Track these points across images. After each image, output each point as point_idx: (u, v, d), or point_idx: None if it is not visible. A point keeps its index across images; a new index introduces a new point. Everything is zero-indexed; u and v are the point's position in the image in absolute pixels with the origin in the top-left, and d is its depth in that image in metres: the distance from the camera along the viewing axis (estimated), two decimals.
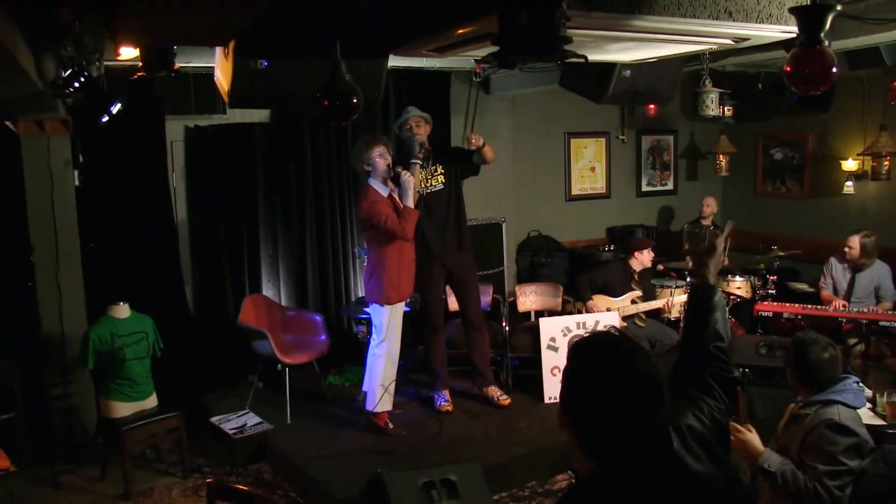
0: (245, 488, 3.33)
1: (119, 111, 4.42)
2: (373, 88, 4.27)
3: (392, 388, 5.20)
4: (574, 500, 1.70)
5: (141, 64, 3.84)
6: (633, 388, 1.56)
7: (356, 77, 3.55)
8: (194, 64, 5.16)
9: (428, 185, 5.36)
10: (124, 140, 5.60)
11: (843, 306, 6.33)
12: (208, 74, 4.85)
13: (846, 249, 6.44)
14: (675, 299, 6.41)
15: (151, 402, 5.10)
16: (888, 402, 4.31)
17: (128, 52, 3.94)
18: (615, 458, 1.58)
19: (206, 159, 6.17)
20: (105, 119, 4.42)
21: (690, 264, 2.17)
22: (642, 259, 6.48)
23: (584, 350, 1.64)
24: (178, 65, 3.88)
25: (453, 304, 5.83)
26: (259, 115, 6.35)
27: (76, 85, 3.78)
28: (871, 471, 3.51)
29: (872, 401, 4.39)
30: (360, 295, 6.74)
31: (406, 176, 4.96)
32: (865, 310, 6.16)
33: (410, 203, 4.97)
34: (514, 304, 6.78)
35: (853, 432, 3.06)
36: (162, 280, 5.87)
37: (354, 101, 3.46)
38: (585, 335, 1.72)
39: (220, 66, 4.29)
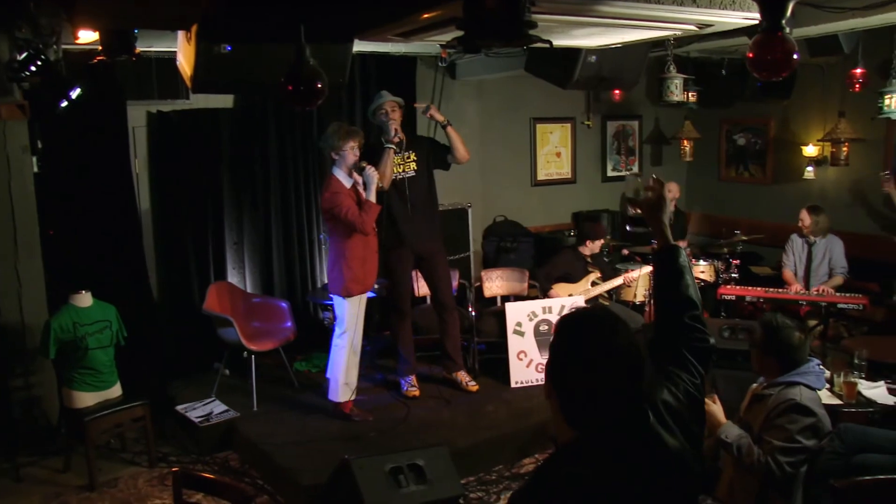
0: (212, 476, 3.31)
1: (79, 96, 4.34)
2: (338, 73, 4.23)
3: (354, 380, 5.19)
4: (554, 467, 1.74)
5: (101, 48, 3.77)
6: (614, 360, 1.65)
7: (321, 62, 3.52)
8: (156, 48, 5.07)
9: (401, 170, 5.34)
10: (85, 126, 5.49)
11: (801, 290, 6.46)
12: (171, 59, 4.77)
13: (799, 223, 6.58)
14: (632, 273, 6.45)
15: (116, 391, 5.03)
16: (845, 382, 4.42)
17: (87, 36, 3.87)
18: (596, 428, 1.66)
19: (170, 145, 6.08)
20: (64, 104, 4.34)
21: (639, 212, 2.14)
22: (593, 248, 6.53)
23: (569, 323, 1.75)
24: (139, 49, 3.82)
25: (421, 289, 5.84)
26: (223, 101, 6.26)
27: (32, 69, 3.71)
28: (827, 448, 3.60)
29: (830, 381, 4.50)
30: (325, 281, 6.71)
31: (371, 171, 4.95)
32: (822, 291, 6.29)
33: (373, 197, 4.95)
34: (480, 290, 6.80)
35: (812, 413, 3.13)
36: (125, 268, 5.79)
37: (319, 85, 3.43)
38: (572, 311, 1.82)
39: (183, 51, 4.22)
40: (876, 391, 4.52)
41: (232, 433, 5.26)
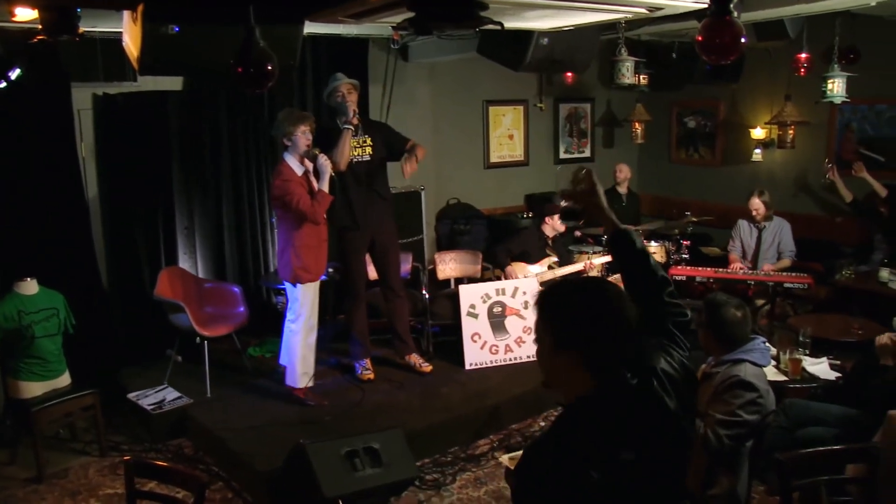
0: (164, 464, 3.29)
1: (19, 77, 4.22)
2: (288, 55, 4.17)
3: (311, 367, 5.18)
4: (574, 415, 1.82)
5: (41, 27, 3.66)
6: (628, 310, 1.80)
7: (271, 43, 3.46)
8: (101, 28, 4.93)
9: (357, 154, 5.30)
10: (27, 108, 5.33)
11: (742, 268, 6.59)
12: (116, 40, 4.64)
13: (753, 212, 6.69)
14: (594, 261, 6.54)
15: (64, 380, 4.95)
16: (790, 359, 4.54)
17: (24, 13, 3.74)
18: (617, 375, 1.79)
19: (118, 129, 5.94)
20: (3, 85, 4.21)
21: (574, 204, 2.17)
22: (553, 224, 6.57)
23: (582, 282, 1.98)
24: (82, 29, 3.71)
25: (373, 273, 5.82)
26: (172, 83, 6.14)
27: None
28: (773, 423, 3.70)
29: (777, 358, 4.62)
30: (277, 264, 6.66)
31: (324, 159, 4.90)
32: (771, 270, 6.44)
33: (325, 187, 4.91)
34: (433, 272, 6.82)
35: (755, 388, 3.20)
36: (72, 254, 5.66)
37: (269, 68, 3.38)
38: (558, 280, 1.93)
39: (129, 32, 4.12)
40: (819, 367, 4.66)
41: (185, 420, 5.21)
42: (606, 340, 1.77)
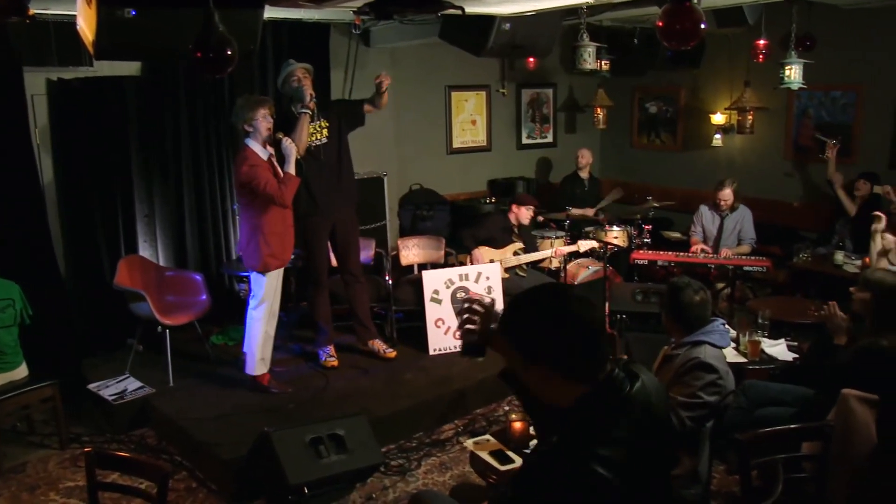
0: (127, 455, 3.25)
1: None
2: (248, 40, 4.12)
3: (268, 354, 5.14)
4: (575, 417, 1.78)
5: None
6: (595, 312, 1.82)
7: (230, 28, 3.41)
8: (53, 11, 4.83)
9: (314, 138, 5.26)
10: None
11: (704, 250, 6.69)
12: (71, 23, 4.55)
13: (722, 202, 6.77)
14: (563, 249, 6.58)
15: (21, 372, 4.85)
16: (750, 341, 4.62)
17: None
18: (603, 374, 1.79)
19: (73, 115, 5.81)
20: None
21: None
22: (519, 214, 6.60)
23: (541, 292, 1.87)
24: (33, 11, 3.61)
25: (333, 259, 5.80)
26: (130, 68, 6.02)
27: None
28: (733, 404, 3.77)
29: (736, 340, 4.70)
30: (240, 253, 6.60)
31: (287, 142, 4.86)
32: (731, 254, 6.54)
33: (291, 170, 4.87)
34: (396, 258, 6.81)
35: (715, 370, 3.26)
36: (28, 243, 5.54)
37: (229, 52, 3.33)
38: (527, 290, 1.88)
39: (83, 15, 4.03)
40: (777, 349, 4.75)
41: (148, 410, 5.15)
42: (574, 348, 1.76)
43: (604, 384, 1.79)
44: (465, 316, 2.07)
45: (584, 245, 6.61)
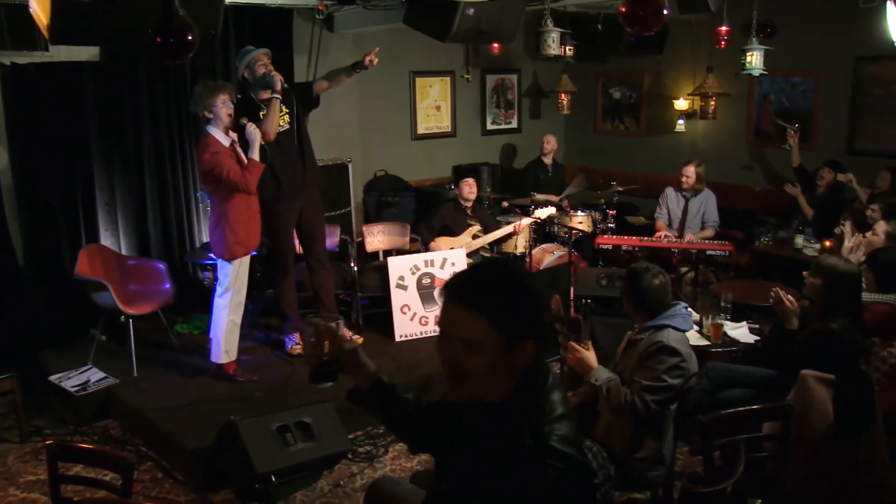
0: (90, 447, 3.21)
1: None
2: (210, 24, 4.07)
3: (234, 345, 5.11)
4: (519, 403, 1.74)
5: None
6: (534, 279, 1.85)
7: (191, 12, 3.35)
8: None
9: (279, 125, 5.21)
10: None
11: (668, 236, 6.77)
12: (24, 5, 4.44)
13: (683, 179, 6.85)
14: (522, 222, 6.60)
15: None
16: (713, 325, 4.69)
17: None
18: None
19: (29, 101, 5.68)
20: None
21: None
22: (461, 190, 6.66)
23: (493, 274, 1.78)
24: None
25: (300, 245, 5.76)
26: (88, 53, 5.91)
27: None
28: (696, 387, 3.82)
29: (699, 323, 4.76)
30: (204, 241, 6.53)
31: (251, 128, 4.81)
32: (694, 239, 6.62)
33: (256, 156, 4.82)
34: (361, 245, 6.79)
35: (678, 353, 3.30)
36: None
37: (189, 37, 3.27)
38: (468, 273, 1.81)
39: None
40: (739, 331, 4.83)
41: (111, 401, 5.09)
42: (547, 316, 1.76)
43: (529, 370, 1.75)
44: (313, 340, 2.00)
45: (543, 213, 6.65)
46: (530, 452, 1.65)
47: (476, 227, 6.57)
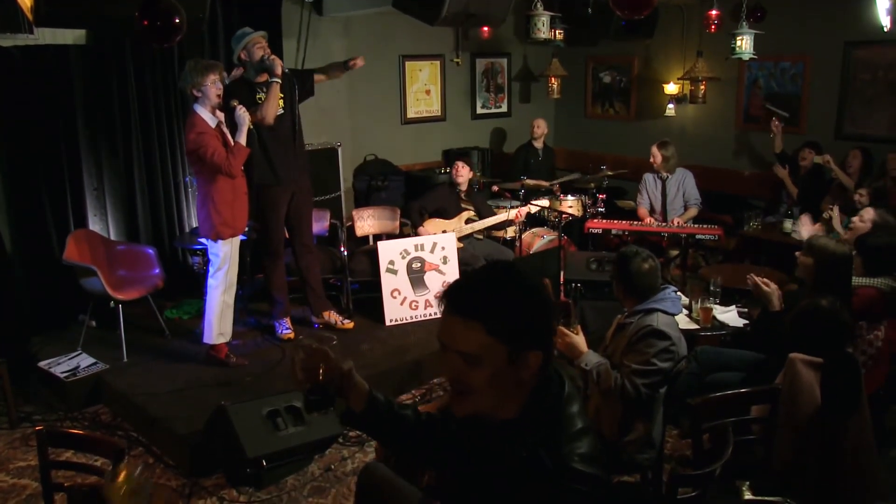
0: (80, 432, 3.20)
1: None
2: (196, 8, 4.06)
3: (228, 327, 5.10)
4: (531, 419, 1.65)
5: None
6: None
7: None
8: None
9: None
10: None
11: (653, 221, 6.78)
12: None
13: (651, 160, 6.85)
14: (522, 210, 6.60)
15: None
16: (702, 308, 4.70)
17: None
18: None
19: (14, 84, 5.60)
20: None
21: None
22: (456, 172, 6.64)
23: (494, 280, 1.65)
24: None
25: (286, 230, 5.74)
26: (74, 36, 5.84)
27: None
28: (685, 370, 3.84)
29: (689, 307, 4.78)
30: (193, 225, 6.50)
31: (242, 111, 4.78)
32: (681, 222, 6.64)
33: (243, 140, 4.79)
34: (351, 229, 6.78)
35: (668, 336, 3.31)
36: None
37: (176, 21, 3.27)
38: (464, 282, 1.69)
39: None
40: (728, 315, 4.85)
41: (101, 386, 5.07)
42: (552, 323, 1.64)
43: (541, 382, 1.66)
44: (304, 364, 1.87)
45: (539, 204, 6.67)
46: (550, 476, 1.55)
47: (469, 213, 6.56)
